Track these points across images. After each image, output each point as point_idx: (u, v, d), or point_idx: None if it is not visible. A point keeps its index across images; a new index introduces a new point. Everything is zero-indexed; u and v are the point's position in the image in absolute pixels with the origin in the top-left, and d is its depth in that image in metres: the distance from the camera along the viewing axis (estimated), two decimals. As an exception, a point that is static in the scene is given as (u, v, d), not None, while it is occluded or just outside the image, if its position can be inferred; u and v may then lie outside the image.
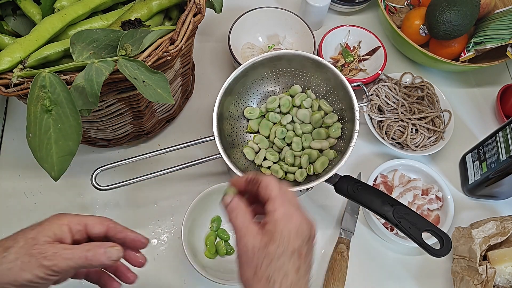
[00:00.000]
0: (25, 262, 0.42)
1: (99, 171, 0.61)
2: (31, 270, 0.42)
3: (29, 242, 0.43)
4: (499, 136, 0.70)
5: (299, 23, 0.86)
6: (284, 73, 0.74)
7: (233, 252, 0.68)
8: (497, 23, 0.83)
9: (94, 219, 0.47)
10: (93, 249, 0.44)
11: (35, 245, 0.43)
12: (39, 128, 0.52)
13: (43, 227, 0.44)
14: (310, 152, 0.70)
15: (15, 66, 0.54)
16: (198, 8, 0.60)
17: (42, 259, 0.42)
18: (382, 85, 0.82)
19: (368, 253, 0.73)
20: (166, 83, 0.55)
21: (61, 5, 0.61)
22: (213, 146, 0.65)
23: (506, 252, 0.66)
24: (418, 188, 0.75)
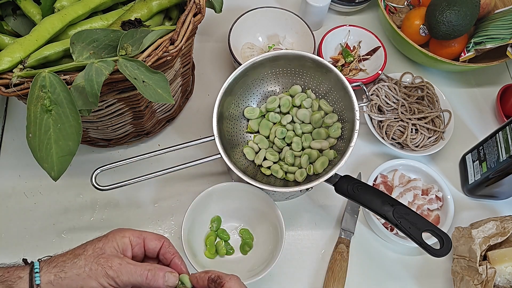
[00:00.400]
0: (92, 269, 0.45)
1: (99, 171, 0.61)
2: (97, 278, 0.45)
3: (96, 251, 0.47)
4: (499, 136, 0.70)
5: (299, 23, 0.86)
6: (284, 73, 0.74)
7: (233, 252, 0.68)
8: (497, 23, 0.83)
9: (152, 235, 0.51)
10: (154, 270, 0.47)
11: (103, 255, 0.47)
12: (39, 128, 0.52)
13: (109, 239, 0.48)
14: (310, 152, 0.70)
15: (15, 66, 0.54)
16: (198, 8, 0.60)
17: (108, 268, 0.45)
18: (382, 85, 0.82)
19: (368, 253, 0.73)
20: (166, 83, 0.55)
21: (61, 5, 0.61)
22: (213, 146, 0.65)
23: (506, 252, 0.66)
24: (418, 188, 0.75)
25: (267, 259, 0.65)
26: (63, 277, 0.45)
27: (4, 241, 0.69)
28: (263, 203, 0.67)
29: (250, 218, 0.70)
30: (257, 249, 0.69)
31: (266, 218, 0.68)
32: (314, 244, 0.73)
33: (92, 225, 0.71)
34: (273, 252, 0.65)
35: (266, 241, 0.68)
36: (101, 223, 0.71)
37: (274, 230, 0.67)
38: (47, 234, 0.69)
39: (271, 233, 0.68)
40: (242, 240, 0.69)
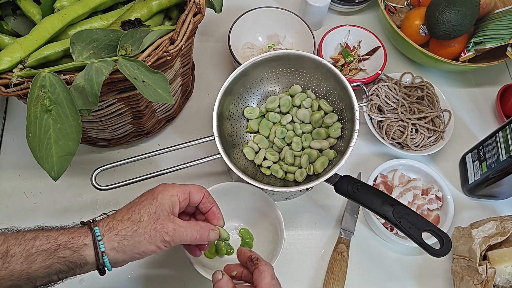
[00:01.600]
0: (152, 236, 0.49)
1: (99, 171, 0.61)
2: (156, 243, 0.50)
3: (152, 217, 0.50)
4: (499, 136, 0.70)
5: (299, 23, 0.86)
6: (284, 73, 0.74)
7: (233, 252, 0.68)
8: (497, 23, 0.83)
9: (195, 188, 0.55)
10: (201, 230, 0.53)
11: (158, 220, 0.50)
12: (39, 128, 0.52)
13: (159, 201, 0.51)
14: (310, 152, 0.70)
15: (15, 66, 0.54)
16: (198, 8, 0.60)
17: (164, 234, 0.50)
18: (382, 85, 0.82)
19: (368, 253, 0.73)
20: (166, 83, 0.55)
21: (61, 5, 0.61)
22: (213, 146, 0.65)
23: (506, 252, 0.66)
24: (418, 188, 0.75)
25: (267, 259, 0.65)
26: (126, 244, 0.49)
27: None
28: (263, 203, 0.67)
29: (250, 218, 0.70)
30: (257, 249, 0.68)
31: (266, 218, 0.68)
32: (314, 244, 0.73)
33: (92, 225, 0.71)
34: (273, 252, 0.65)
35: (266, 241, 0.68)
36: (101, 223, 0.71)
37: (274, 230, 0.67)
38: (47, 234, 0.69)
39: (271, 233, 0.67)
40: (242, 240, 0.69)
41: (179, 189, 0.53)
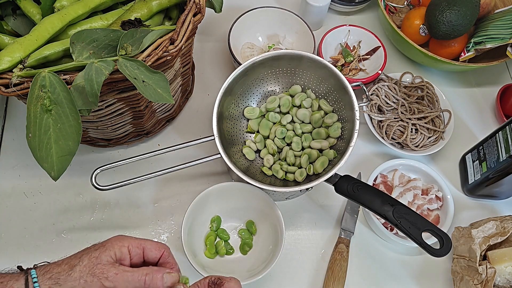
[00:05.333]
0: (88, 281, 0.45)
1: (99, 171, 0.61)
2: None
3: (92, 261, 0.46)
4: (499, 136, 0.70)
5: (299, 23, 0.86)
6: (284, 73, 0.74)
7: (233, 252, 0.68)
8: (497, 23, 0.83)
9: (152, 244, 0.50)
10: (151, 273, 0.47)
11: (98, 265, 0.45)
12: (39, 128, 0.52)
13: (106, 248, 0.47)
14: (310, 152, 0.70)
15: (15, 66, 0.54)
16: (198, 8, 0.60)
17: (104, 279, 0.45)
18: (382, 85, 0.82)
19: (368, 253, 0.73)
20: (166, 83, 0.55)
21: (61, 4, 0.61)
22: (213, 146, 0.65)
23: (506, 252, 0.66)
24: (418, 188, 0.75)
25: (267, 259, 0.65)
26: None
27: (4, 241, 0.69)
28: (263, 203, 0.67)
29: (250, 218, 0.70)
30: (257, 249, 0.69)
31: (266, 218, 0.68)
32: (314, 244, 0.73)
33: (92, 225, 0.71)
34: (273, 252, 0.65)
35: (266, 241, 0.68)
36: (101, 223, 0.71)
37: (274, 230, 0.67)
38: (47, 234, 0.69)
39: (271, 233, 0.68)
40: (242, 240, 0.69)
41: (132, 242, 0.49)
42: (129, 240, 0.49)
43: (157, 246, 0.50)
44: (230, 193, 0.68)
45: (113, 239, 0.49)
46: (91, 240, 0.56)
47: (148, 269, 0.47)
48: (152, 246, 0.50)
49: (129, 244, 0.48)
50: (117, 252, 0.47)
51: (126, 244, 0.48)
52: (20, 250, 0.68)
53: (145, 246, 0.50)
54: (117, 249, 0.47)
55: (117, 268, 0.46)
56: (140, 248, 0.49)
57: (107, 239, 0.49)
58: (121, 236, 0.49)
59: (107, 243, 0.48)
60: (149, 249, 0.50)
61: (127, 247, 0.48)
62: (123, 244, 0.48)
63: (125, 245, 0.48)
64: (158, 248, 0.50)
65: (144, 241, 0.50)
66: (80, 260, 0.46)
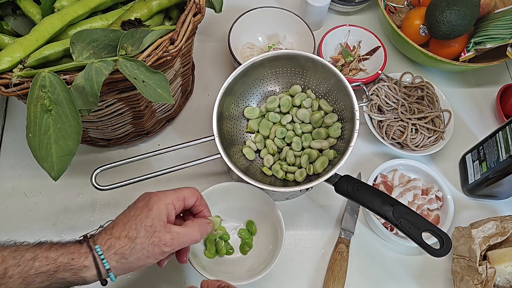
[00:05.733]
0: (150, 251, 0.49)
1: (99, 171, 0.61)
2: (155, 256, 0.50)
3: (148, 230, 0.49)
4: (499, 136, 0.70)
5: (299, 23, 0.86)
6: (284, 73, 0.74)
7: (233, 252, 0.68)
8: (497, 23, 0.83)
9: (189, 192, 0.54)
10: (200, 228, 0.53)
11: (155, 233, 0.49)
12: (39, 128, 0.52)
13: (154, 212, 0.50)
14: (310, 152, 0.70)
15: (15, 66, 0.54)
16: (198, 8, 0.60)
17: (163, 246, 0.49)
18: (382, 85, 0.82)
19: (368, 253, 0.73)
20: (166, 83, 0.55)
21: (61, 5, 0.61)
22: (213, 146, 0.65)
23: (506, 252, 0.66)
24: (418, 188, 0.75)
25: (267, 259, 0.65)
26: (124, 262, 0.48)
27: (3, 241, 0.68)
28: (263, 203, 0.67)
29: (250, 218, 0.70)
30: (257, 249, 0.69)
31: (266, 218, 0.68)
32: (314, 244, 0.73)
33: (92, 225, 0.71)
34: (273, 252, 0.65)
35: (266, 241, 0.68)
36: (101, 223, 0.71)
37: (274, 230, 0.67)
38: (47, 234, 0.69)
39: (271, 233, 0.67)
40: (242, 240, 0.69)
41: (174, 197, 0.53)
42: (171, 196, 0.52)
43: (193, 192, 0.55)
44: (230, 193, 0.68)
45: (156, 199, 0.51)
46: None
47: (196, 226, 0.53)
48: (189, 193, 0.54)
49: (172, 200, 0.52)
50: (165, 212, 0.51)
51: (170, 201, 0.52)
52: (20, 250, 0.68)
53: (185, 195, 0.54)
54: (164, 208, 0.51)
55: (171, 232, 0.50)
56: (181, 199, 0.53)
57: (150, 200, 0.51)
58: (161, 194, 0.52)
59: (152, 206, 0.51)
60: (188, 198, 0.54)
61: (171, 204, 0.52)
62: (167, 201, 0.51)
63: (169, 202, 0.52)
64: (194, 194, 0.55)
65: (181, 191, 0.54)
66: (137, 232, 0.49)
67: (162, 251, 0.49)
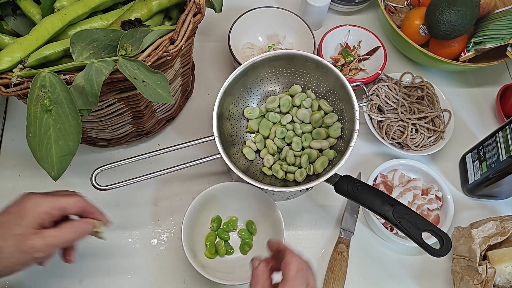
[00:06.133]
0: (20, 258, 0.46)
1: (99, 171, 0.61)
2: (26, 263, 0.47)
3: (17, 238, 0.46)
4: (499, 136, 0.70)
5: (299, 23, 0.86)
6: (284, 73, 0.74)
7: (233, 252, 0.68)
8: (497, 23, 0.83)
9: (70, 202, 0.51)
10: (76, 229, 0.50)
11: (26, 241, 0.46)
12: (39, 128, 0.52)
13: (26, 220, 0.47)
14: (310, 152, 0.70)
15: (15, 66, 0.54)
16: (198, 8, 0.60)
17: (34, 253, 0.46)
18: (382, 85, 0.82)
19: (368, 253, 0.73)
20: (166, 83, 0.55)
21: (61, 5, 0.61)
22: (213, 146, 0.65)
23: (506, 252, 0.66)
24: (418, 188, 0.75)
25: (267, 259, 0.65)
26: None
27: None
28: (263, 203, 0.67)
29: (250, 218, 0.70)
30: (257, 249, 0.69)
31: (266, 218, 0.68)
32: (314, 244, 0.73)
33: (92, 225, 0.71)
34: (273, 252, 0.65)
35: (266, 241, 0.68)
36: (101, 223, 0.71)
37: (274, 230, 0.67)
38: (47, 234, 0.69)
39: (271, 233, 0.67)
40: (242, 240, 0.69)
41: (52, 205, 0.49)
42: (47, 205, 0.48)
43: (74, 202, 0.51)
44: (230, 193, 0.68)
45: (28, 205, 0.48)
46: (91, 240, 0.56)
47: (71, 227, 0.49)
48: (70, 204, 0.51)
49: (49, 209, 0.48)
50: (38, 220, 0.47)
51: (46, 210, 0.48)
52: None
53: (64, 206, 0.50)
54: (38, 217, 0.47)
55: (43, 236, 0.47)
56: (60, 209, 0.50)
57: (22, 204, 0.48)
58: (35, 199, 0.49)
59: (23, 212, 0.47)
60: (69, 208, 0.50)
61: (47, 214, 0.48)
62: (43, 210, 0.48)
63: (46, 211, 0.48)
64: (76, 205, 0.51)
65: (62, 199, 0.50)
66: (5, 240, 0.46)
67: (33, 257, 0.47)
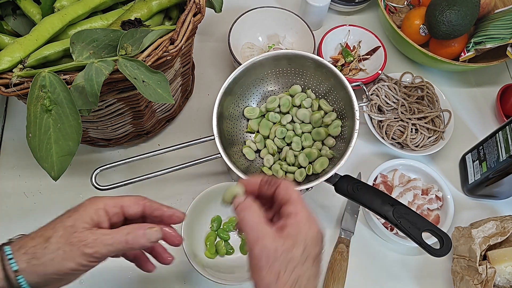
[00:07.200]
0: (66, 251, 0.42)
1: (99, 171, 0.61)
2: (74, 259, 0.42)
3: (68, 230, 0.43)
4: (499, 136, 0.70)
5: (299, 23, 0.86)
6: (284, 73, 0.74)
7: (233, 252, 0.68)
8: (497, 23, 0.83)
9: (130, 200, 0.46)
10: (132, 232, 0.44)
11: (75, 233, 0.42)
12: (39, 128, 0.52)
13: (80, 214, 0.44)
14: (310, 152, 0.70)
15: (15, 66, 0.54)
16: (198, 8, 0.60)
17: (83, 247, 0.42)
18: (382, 85, 0.82)
19: (368, 253, 0.73)
20: (166, 83, 0.55)
21: (61, 4, 0.61)
22: (213, 146, 0.65)
23: (506, 252, 0.66)
24: (418, 188, 0.75)
25: (267, 259, 0.65)
26: (36, 264, 0.42)
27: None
28: (263, 203, 0.67)
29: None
30: (257, 249, 0.68)
31: (266, 218, 0.68)
32: (314, 244, 0.72)
33: (92, 225, 0.71)
34: (273, 252, 0.65)
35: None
36: (101, 223, 0.71)
37: (274, 230, 0.67)
38: (47, 234, 0.69)
39: (271, 233, 0.67)
40: (242, 240, 0.69)
41: (108, 202, 0.45)
42: (104, 201, 0.45)
43: (136, 200, 0.47)
44: (230, 193, 0.68)
45: (87, 202, 0.45)
46: (91, 240, 0.56)
47: (128, 228, 0.44)
48: (131, 201, 0.46)
49: (104, 205, 0.45)
50: (93, 216, 0.44)
51: (101, 205, 0.45)
52: (20, 250, 0.68)
53: (123, 203, 0.46)
54: (93, 213, 0.44)
55: (94, 233, 0.43)
56: (118, 206, 0.46)
57: (81, 203, 0.46)
58: (95, 198, 0.46)
59: (80, 208, 0.45)
60: (128, 206, 0.46)
61: (103, 209, 0.45)
62: (98, 206, 0.45)
63: (101, 207, 0.45)
64: (136, 202, 0.47)
65: (121, 198, 0.46)
66: (55, 231, 0.43)
67: (83, 252, 0.42)
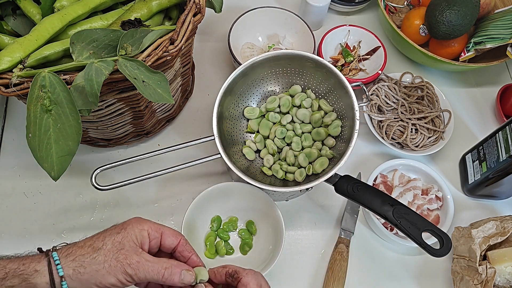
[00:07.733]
0: (112, 266, 0.45)
1: (99, 171, 0.61)
2: (116, 274, 0.45)
3: (116, 245, 0.46)
4: (499, 136, 0.70)
5: (299, 23, 0.86)
6: (284, 73, 0.74)
7: (233, 252, 0.68)
8: (497, 23, 0.83)
9: (170, 231, 0.50)
10: (170, 267, 0.47)
11: (122, 250, 0.46)
12: (39, 128, 0.52)
13: (128, 232, 0.47)
14: (310, 152, 0.70)
15: (15, 66, 0.54)
16: (198, 8, 0.60)
17: (126, 266, 0.45)
18: (382, 85, 0.82)
19: (368, 253, 0.73)
20: (166, 83, 0.55)
21: (61, 5, 0.61)
22: (213, 146, 0.65)
23: (506, 252, 0.66)
24: (418, 188, 0.75)
25: (267, 259, 0.65)
26: (82, 272, 0.44)
27: (4, 241, 0.69)
28: (263, 203, 0.67)
29: (250, 218, 0.70)
30: (257, 249, 0.69)
31: (266, 218, 0.68)
32: (314, 244, 0.73)
33: (92, 225, 0.71)
34: (273, 252, 0.65)
35: (266, 241, 0.68)
36: (100, 223, 0.71)
37: (274, 230, 0.67)
38: (47, 234, 0.69)
39: (271, 233, 0.68)
40: (242, 240, 0.69)
41: (151, 226, 0.49)
42: (148, 224, 0.49)
43: (175, 233, 0.50)
44: (230, 193, 0.68)
45: (133, 221, 0.49)
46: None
47: (168, 263, 0.47)
48: (170, 232, 0.50)
49: (148, 228, 0.48)
50: (138, 236, 0.47)
51: (146, 227, 0.48)
52: (20, 250, 0.68)
53: (164, 231, 0.50)
54: (138, 232, 0.48)
55: (139, 256, 0.46)
56: (159, 232, 0.49)
57: (127, 221, 0.49)
58: (140, 219, 0.49)
59: (127, 226, 0.48)
60: (167, 235, 0.50)
61: (147, 231, 0.48)
62: (143, 227, 0.48)
63: (145, 228, 0.48)
64: (175, 235, 0.50)
65: (163, 226, 0.50)
66: (104, 244, 0.46)
67: (125, 271, 0.45)
